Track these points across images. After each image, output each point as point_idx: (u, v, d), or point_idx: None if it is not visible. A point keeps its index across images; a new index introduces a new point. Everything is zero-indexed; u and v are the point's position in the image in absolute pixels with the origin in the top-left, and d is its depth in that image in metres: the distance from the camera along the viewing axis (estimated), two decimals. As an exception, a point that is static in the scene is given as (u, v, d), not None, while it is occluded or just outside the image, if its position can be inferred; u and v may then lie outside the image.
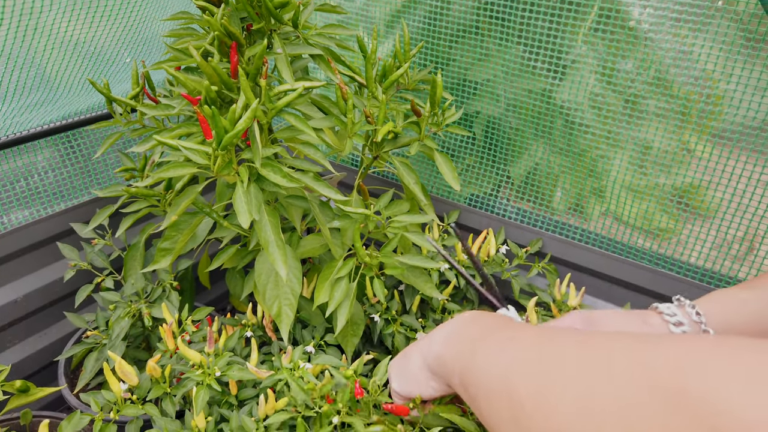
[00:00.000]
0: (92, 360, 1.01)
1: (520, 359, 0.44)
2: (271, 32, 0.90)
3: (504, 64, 1.25)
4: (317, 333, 1.00)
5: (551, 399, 0.39)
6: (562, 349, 0.42)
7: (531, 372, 0.42)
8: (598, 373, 0.37)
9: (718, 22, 1.02)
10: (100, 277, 1.10)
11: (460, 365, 0.52)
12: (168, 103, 0.88)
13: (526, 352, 0.44)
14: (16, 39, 0.94)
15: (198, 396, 0.79)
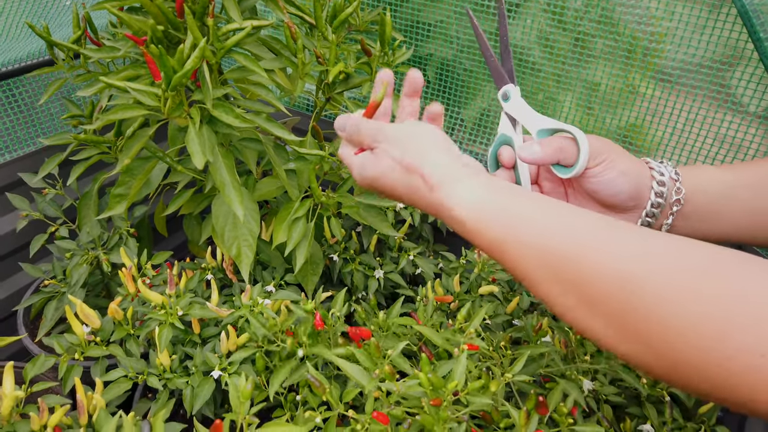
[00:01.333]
0: (52, 309, 1.02)
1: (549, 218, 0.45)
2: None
3: (457, 5, 1.25)
4: (277, 273, 1.03)
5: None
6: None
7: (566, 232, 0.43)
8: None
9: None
10: (53, 226, 1.09)
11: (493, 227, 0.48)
12: (113, 45, 0.86)
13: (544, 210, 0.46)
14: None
15: (161, 334, 0.81)
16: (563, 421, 0.65)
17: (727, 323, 0.33)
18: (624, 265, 0.38)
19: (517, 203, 0.46)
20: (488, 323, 0.98)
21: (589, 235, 0.41)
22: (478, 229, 0.47)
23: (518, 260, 0.44)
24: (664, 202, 0.57)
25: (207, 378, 0.80)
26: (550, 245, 0.42)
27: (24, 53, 1.24)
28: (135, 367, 0.83)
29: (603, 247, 0.40)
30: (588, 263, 0.39)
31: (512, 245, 0.44)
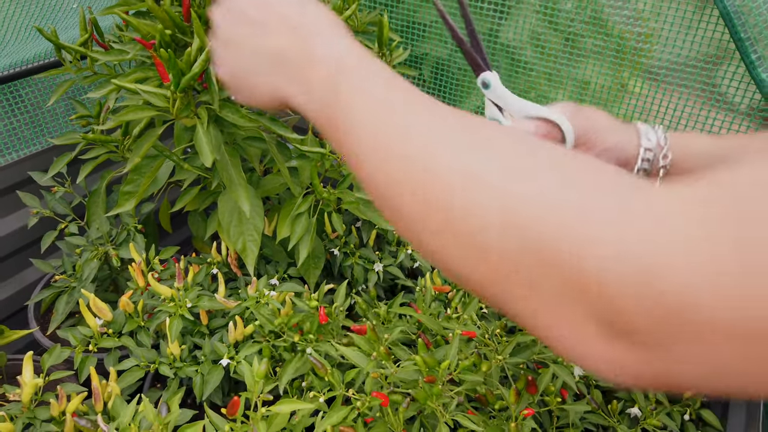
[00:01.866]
0: (63, 303, 1.06)
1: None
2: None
3: (451, 5, 1.29)
4: (280, 267, 1.07)
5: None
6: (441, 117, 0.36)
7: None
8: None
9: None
10: (63, 223, 1.12)
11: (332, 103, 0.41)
12: (121, 48, 0.90)
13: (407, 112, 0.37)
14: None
15: (172, 326, 0.85)
16: (552, 401, 0.69)
17: None
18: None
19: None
20: (484, 312, 1.02)
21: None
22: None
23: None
24: (650, 168, 0.57)
25: (216, 366, 0.84)
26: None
27: (31, 55, 1.28)
28: (147, 357, 0.87)
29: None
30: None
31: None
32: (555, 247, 0.28)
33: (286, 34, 0.43)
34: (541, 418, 0.81)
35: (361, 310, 0.94)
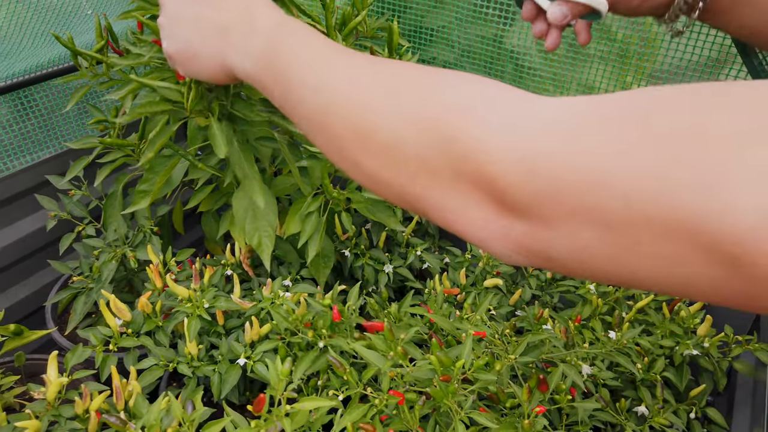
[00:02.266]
0: (81, 303, 1.08)
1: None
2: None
3: (457, 11, 1.31)
4: (293, 269, 1.09)
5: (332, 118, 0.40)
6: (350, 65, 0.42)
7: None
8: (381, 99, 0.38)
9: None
10: (80, 225, 1.15)
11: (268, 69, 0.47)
12: (138, 52, 0.92)
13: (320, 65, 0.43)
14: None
15: (190, 326, 0.88)
16: (562, 399, 0.71)
17: None
18: None
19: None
20: (493, 314, 1.04)
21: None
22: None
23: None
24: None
25: (234, 365, 0.87)
26: None
27: (45, 59, 1.30)
28: (165, 356, 0.90)
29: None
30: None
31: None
32: (455, 143, 0.33)
33: (233, 7, 0.50)
34: (551, 416, 0.83)
35: (373, 310, 0.97)
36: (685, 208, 0.24)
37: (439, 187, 0.34)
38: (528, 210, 0.30)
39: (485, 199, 0.32)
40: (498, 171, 0.31)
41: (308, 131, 0.44)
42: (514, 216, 0.31)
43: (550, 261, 0.31)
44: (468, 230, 0.34)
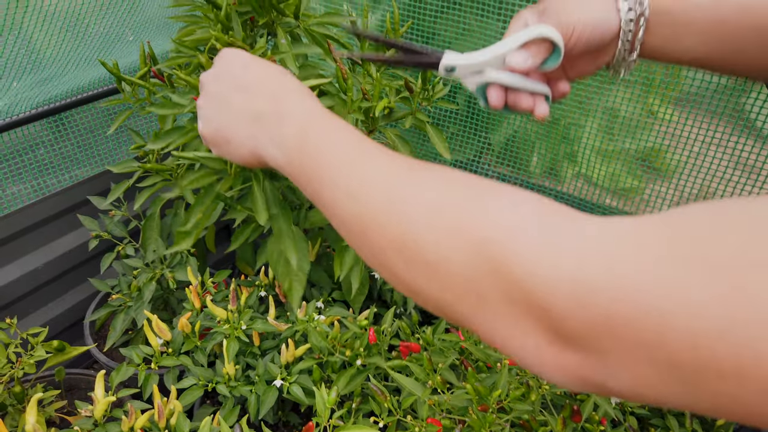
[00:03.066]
0: (120, 321, 1.12)
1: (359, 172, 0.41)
2: (273, 23, 0.98)
3: (484, 38, 1.35)
4: (324, 291, 1.12)
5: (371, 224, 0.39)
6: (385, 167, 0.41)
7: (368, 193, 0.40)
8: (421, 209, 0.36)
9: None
10: (120, 245, 1.19)
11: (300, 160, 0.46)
12: (178, 101, 0.94)
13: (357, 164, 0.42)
14: (36, 23, 1.00)
15: (228, 347, 0.91)
16: (595, 429, 0.73)
17: None
18: None
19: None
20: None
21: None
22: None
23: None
24: (636, 17, 0.56)
25: (270, 387, 0.90)
26: None
27: (86, 81, 1.35)
28: (204, 376, 0.93)
29: None
30: None
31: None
32: (504, 268, 0.31)
33: (266, 97, 0.50)
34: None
35: (405, 334, 0.99)
36: (756, 346, 0.23)
37: (488, 311, 0.33)
38: (584, 342, 0.29)
39: (538, 327, 0.31)
40: (550, 301, 0.29)
41: (343, 234, 0.43)
42: (569, 346, 0.30)
43: (607, 390, 0.30)
44: (519, 355, 0.33)
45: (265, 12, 0.95)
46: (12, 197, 1.23)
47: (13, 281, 1.21)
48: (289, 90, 0.50)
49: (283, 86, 0.51)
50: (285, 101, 0.49)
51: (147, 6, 1.22)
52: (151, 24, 1.31)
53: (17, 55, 1.06)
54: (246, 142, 0.50)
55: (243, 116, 0.51)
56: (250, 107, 0.50)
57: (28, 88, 1.17)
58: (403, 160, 0.41)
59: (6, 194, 1.24)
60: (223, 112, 0.52)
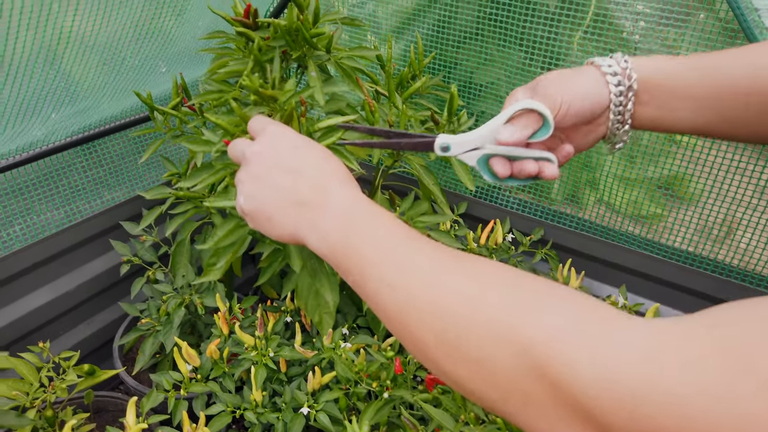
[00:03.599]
0: (148, 345, 1.14)
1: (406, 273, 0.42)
2: (304, 56, 1.01)
3: (506, 68, 1.37)
4: (350, 317, 1.13)
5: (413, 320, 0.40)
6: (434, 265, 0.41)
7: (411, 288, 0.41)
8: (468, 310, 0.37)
9: (697, 20, 1.14)
10: (150, 270, 1.22)
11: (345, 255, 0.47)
12: (209, 138, 0.97)
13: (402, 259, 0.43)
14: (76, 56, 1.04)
15: (257, 374, 0.92)
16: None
17: None
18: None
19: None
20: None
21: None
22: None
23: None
24: (624, 90, 0.57)
25: (297, 414, 0.91)
26: None
27: (119, 111, 1.40)
28: (232, 402, 0.94)
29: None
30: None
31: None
32: (551, 371, 0.32)
33: (310, 185, 0.50)
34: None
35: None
36: None
37: (535, 411, 0.33)
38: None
39: (584, 429, 0.31)
40: (597, 407, 0.29)
41: (384, 322, 0.43)
42: None
43: None
44: None
45: (298, 46, 0.98)
46: (46, 222, 1.27)
47: (47, 303, 1.25)
48: (333, 178, 0.51)
49: (327, 173, 0.51)
50: (328, 191, 0.50)
51: (180, 38, 1.27)
52: (184, 55, 1.36)
53: (56, 87, 1.10)
54: (287, 225, 0.51)
55: (286, 200, 0.51)
56: (294, 192, 0.51)
57: (66, 118, 1.22)
58: (446, 252, 0.42)
59: (41, 219, 1.28)
60: (266, 192, 0.52)
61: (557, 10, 1.24)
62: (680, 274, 1.24)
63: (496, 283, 0.38)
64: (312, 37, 0.95)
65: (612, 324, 0.32)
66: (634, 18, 1.22)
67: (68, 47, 1.02)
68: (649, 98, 0.58)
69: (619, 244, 1.30)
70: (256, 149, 0.53)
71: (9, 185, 1.23)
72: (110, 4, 1.05)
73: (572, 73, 0.59)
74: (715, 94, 0.56)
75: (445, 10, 1.37)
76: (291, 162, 0.52)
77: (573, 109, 0.57)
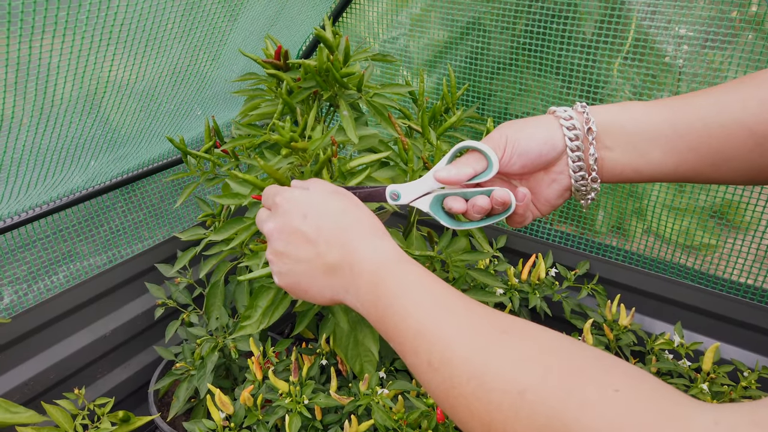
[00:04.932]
0: (183, 390, 1.12)
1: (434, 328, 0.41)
2: (335, 95, 1.00)
3: (543, 97, 1.33)
4: (386, 360, 1.09)
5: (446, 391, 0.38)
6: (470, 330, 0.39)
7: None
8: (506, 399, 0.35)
9: (745, 41, 1.09)
10: (185, 313, 1.21)
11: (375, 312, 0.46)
12: (238, 191, 0.96)
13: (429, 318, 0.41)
14: (114, 103, 1.06)
15: (291, 423, 0.89)
16: None
17: None
18: None
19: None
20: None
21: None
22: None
23: None
24: (581, 134, 0.55)
25: (334, 467, 0.86)
26: None
27: (156, 154, 1.42)
28: (266, 453, 0.91)
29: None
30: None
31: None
32: None
33: (335, 249, 0.50)
34: None
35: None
36: None
37: None
38: None
39: None
40: None
41: (433, 399, 0.42)
42: None
43: None
44: None
45: (329, 86, 0.97)
46: (89, 268, 1.29)
47: (84, 347, 1.25)
48: (354, 233, 0.50)
49: (347, 229, 0.51)
50: (355, 250, 0.49)
51: (215, 82, 1.28)
52: (218, 98, 1.37)
53: (95, 134, 1.12)
54: (324, 292, 0.51)
55: (316, 270, 0.51)
56: (321, 262, 0.50)
57: (105, 165, 1.24)
58: (487, 323, 0.40)
59: (84, 265, 1.29)
60: (294, 268, 0.52)
61: (594, 37, 1.21)
62: (739, 308, 1.15)
63: (543, 366, 0.35)
64: (343, 77, 0.94)
65: (680, 414, 0.29)
66: (677, 42, 1.18)
67: (106, 92, 1.04)
68: (612, 142, 0.55)
69: (670, 278, 1.22)
70: (271, 226, 0.54)
71: (51, 230, 1.25)
72: (149, 50, 1.07)
73: (527, 120, 0.58)
74: (694, 130, 0.53)
75: (478, 42, 1.35)
76: (307, 229, 0.51)
77: (517, 150, 0.55)
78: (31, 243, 1.26)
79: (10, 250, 1.23)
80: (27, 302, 1.16)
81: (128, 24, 0.97)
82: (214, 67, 1.24)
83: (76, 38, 0.93)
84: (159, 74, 1.14)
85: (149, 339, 1.37)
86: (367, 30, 1.59)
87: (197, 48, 1.19)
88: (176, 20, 1.06)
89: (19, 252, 1.24)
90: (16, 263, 1.23)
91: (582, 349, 0.36)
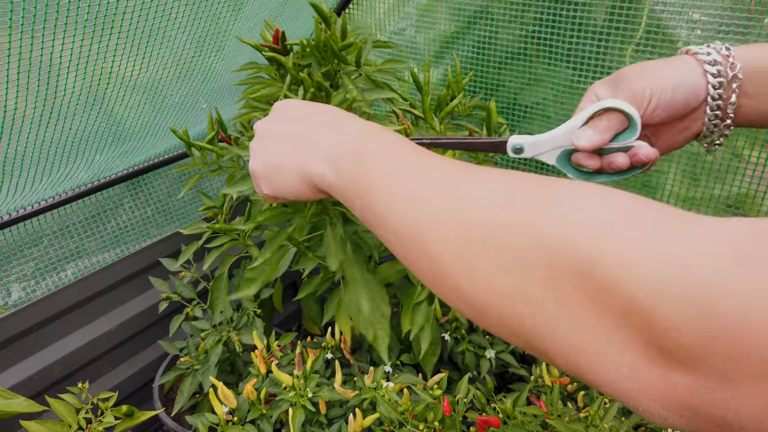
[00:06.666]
0: (187, 385, 1.11)
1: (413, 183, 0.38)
2: (335, 73, 0.98)
3: (553, 86, 1.30)
4: (393, 353, 1.07)
5: (427, 236, 0.35)
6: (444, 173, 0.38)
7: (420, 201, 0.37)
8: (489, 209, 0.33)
9: (758, 32, 1.05)
10: (189, 307, 1.19)
11: (354, 186, 0.43)
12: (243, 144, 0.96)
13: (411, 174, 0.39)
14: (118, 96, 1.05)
15: (295, 417, 0.86)
16: None
17: None
18: None
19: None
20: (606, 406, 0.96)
21: None
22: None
23: None
24: (725, 81, 0.51)
25: (338, 461, 0.84)
26: None
27: (162, 150, 1.41)
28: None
29: None
30: None
31: None
32: (587, 262, 0.26)
33: (320, 122, 0.48)
34: None
35: (480, 403, 0.91)
36: None
37: (569, 321, 0.27)
38: (699, 361, 0.23)
39: (635, 340, 0.25)
40: (655, 307, 0.24)
41: (396, 248, 0.39)
42: (677, 366, 0.24)
43: (724, 426, 0.24)
44: (607, 379, 0.27)
45: (327, 61, 0.95)
46: (97, 263, 1.28)
47: (89, 343, 1.24)
48: (348, 116, 0.49)
49: (340, 112, 0.49)
50: (341, 119, 0.48)
51: (220, 74, 1.27)
52: (223, 91, 1.36)
53: (100, 128, 1.11)
54: (296, 167, 0.48)
55: (294, 141, 0.49)
56: (302, 130, 0.49)
57: (110, 160, 1.23)
58: (468, 165, 0.38)
59: (92, 262, 1.28)
60: (274, 143, 0.50)
61: (605, 23, 1.18)
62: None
63: (531, 184, 0.33)
64: (341, 50, 0.92)
65: (672, 213, 0.27)
66: (690, 27, 1.14)
67: (110, 85, 1.03)
68: (754, 89, 0.51)
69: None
70: (264, 120, 0.53)
71: (58, 227, 1.25)
72: (153, 41, 1.06)
73: (662, 64, 0.52)
74: None
75: (486, 31, 1.33)
76: (298, 112, 0.50)
77: (662, 103, 0.51)
78: (38, 239, 1.26)
79: (18, 247, 1.22)
80: (35, 299, 1.16)
81: (131, 14, 0.96)
82: (218, 58, 1.23)
83: (78, 29, 0.92)
84: (163, 66, 1.12)
85: (155, 334, 1.35)
86: (374, 22, 1.57)
87: (201, 39, 1.17)
88: (180, 11, 1.05)
89: (26, 249, 1.24)
90: (23, 260, 1.22)
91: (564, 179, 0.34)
